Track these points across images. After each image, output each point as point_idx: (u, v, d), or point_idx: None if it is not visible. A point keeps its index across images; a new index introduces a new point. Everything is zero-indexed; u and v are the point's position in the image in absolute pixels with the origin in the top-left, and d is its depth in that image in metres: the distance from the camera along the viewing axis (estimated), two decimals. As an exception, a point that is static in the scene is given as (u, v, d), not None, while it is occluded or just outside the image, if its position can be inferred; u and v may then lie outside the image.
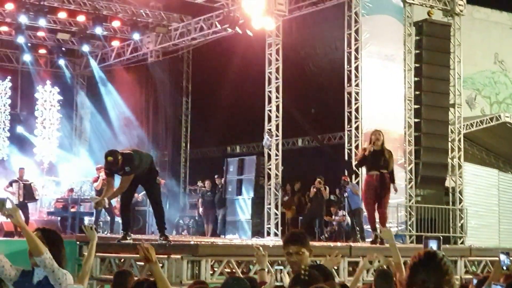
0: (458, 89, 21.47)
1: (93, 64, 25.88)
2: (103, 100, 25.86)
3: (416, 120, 20.57)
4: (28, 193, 19.77)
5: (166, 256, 10.51)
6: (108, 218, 21.98)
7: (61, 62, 26.05)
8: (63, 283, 4.98)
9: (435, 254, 3.65)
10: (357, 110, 19.47)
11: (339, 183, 18.78)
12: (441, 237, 6.36)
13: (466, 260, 13.26)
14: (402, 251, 11.89)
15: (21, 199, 19.38)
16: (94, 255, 6.09)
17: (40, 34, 24.52)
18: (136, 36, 23.60)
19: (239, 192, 21.31)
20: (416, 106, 20.61)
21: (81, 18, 23.24)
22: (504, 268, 6.09)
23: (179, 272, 10.18)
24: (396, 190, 14.01)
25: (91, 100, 26.66)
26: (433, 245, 5.97)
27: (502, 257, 6.05)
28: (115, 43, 25.26)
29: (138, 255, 11.39)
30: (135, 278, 7.28)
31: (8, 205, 4.82)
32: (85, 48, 24.90)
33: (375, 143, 13.49)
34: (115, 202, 21.26)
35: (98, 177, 20.47)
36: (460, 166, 21.30)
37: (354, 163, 13.65)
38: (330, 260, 6.69)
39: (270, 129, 20.29)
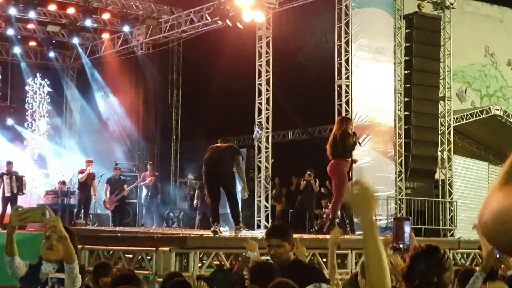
0: (448, 82, 21.51)
1: (83, 56, 25.81)
2: (93, 92, 25.81)
3: (406, 113, 20.60)
4: (20, 185, 19.77)
5: (154, 248, 10.50)
6: (99, 211, 22.00)
7: (51, 54, 25.97)
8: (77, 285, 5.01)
9: (437, 248, 3.64)
10: (347, 103, 19.47)
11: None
12: (410, 218, 6.33)
13: (455, 253, 13.29)
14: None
15: (14, 191, 19.42)
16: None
17: (30, 26, 24.43)
18: (126, 28, 23.54)
19: (229, 185, 21.27)
20: (406, 99, 20.64)
21: (71, 11, 23.16)
22: (498, 255, 6.07)
23: (168, 265, 10.16)
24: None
25: (81, 92, 26.59)
26: (406, 226, 5.94)
27: None
28: (105, 36, 25.20)
29: (127, 247, 11.39)
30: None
31: (47, 214, 4.70)
32: (75, 40, 24.81)
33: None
34: (104, 195, 21.33)
35: (85, 170, 20.48)
36: (450, 159, 21.34)
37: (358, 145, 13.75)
38: (300, 250, 6.78)
39: (260, 122, 20.27)
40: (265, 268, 5.61)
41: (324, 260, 11.99)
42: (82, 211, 20.83)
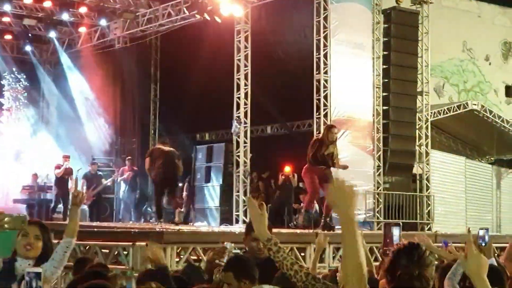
0: (426, 77, 21.58)
1: (60, 50, 25.61)
2: (70, 86, 25.61)
3: (385, 107, 20.63)
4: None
5: (131, 243, 10.44)
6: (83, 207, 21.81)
7: (28, 48, 25.74)
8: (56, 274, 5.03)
9: (418, 245, 3.72)
10: (325, 97, 19.46)
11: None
12: (401, 223, 6.39)
13: (432, 247, 13.30)
14: (369, 237, 11.94)
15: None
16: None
17: (6, 19, 24.15)
18: (103, 22, 23.38)
19: (208, 180, 21.27)
20: (385, 94, 20.67)
21: (47, 4, 22.92)
22: (483, 244, 6.07)
23: (144, 259, 10.09)
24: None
25: (58, 86, 26.36)
26: (395, 231, 5.96)
27: (482, 232, 5.97)
28: (82, 29, 24.98)
29: (102, 242, 11.30)
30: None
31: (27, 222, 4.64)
32: (52, 34, 24.61)
33: (331, 140, 13.70)
34: (82, 189, 21.17)
35: (62, 165, 20.36)
36: (427, 154, 21.42)
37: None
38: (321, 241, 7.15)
39: (238, 116, 20.23)
40: (243, 259, 5.60)
41: (302, 254, 11.99)
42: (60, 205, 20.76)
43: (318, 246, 7.47)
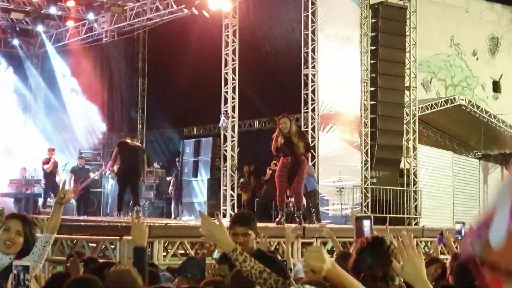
0: (414, 72, 21.64)
1: (48, 44, 25.52)
2: (57, 80, 25.53)
3: (372, 102, 20.68)
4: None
5: (118, 237, 10.43)
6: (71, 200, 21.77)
7: (15, 42, 25.63)
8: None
9: (382, 240, 3.68)
10: (313, 92, 19.50)
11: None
12: (372, 216, 6.42)
13: (419, 241, 13.38)
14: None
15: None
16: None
17: (-7, 13, 24.08)
18: (90, 16, 23.30)
19: (195, 174, 21.28)
20: (372, 89, 20.72)
21: (35, -3, 22.86)
22: (459, 238, 6.11)
23: (132, 253, 10.08)
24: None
25: (45, 80, 26.29)
26: (366, 223, 5.97)
27: (458, 226, 6.00)
28: (70, 23, 24.87)
29: (90, 236, 11.29)
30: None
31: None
32: (40, 28, 24.50)
33: (283, 130, 13.65)
34: (68, 184, 21.15)
35: (50, 159, 20.32)
36: (415, 148, 21.49)
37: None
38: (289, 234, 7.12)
39: (226, 111, 20.22)
40: None
41: (290, 248, 12.00)
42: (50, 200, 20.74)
43: (286, 239, 7.56)
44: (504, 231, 1.12)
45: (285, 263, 6.34)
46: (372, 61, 20.82)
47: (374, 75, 20.77)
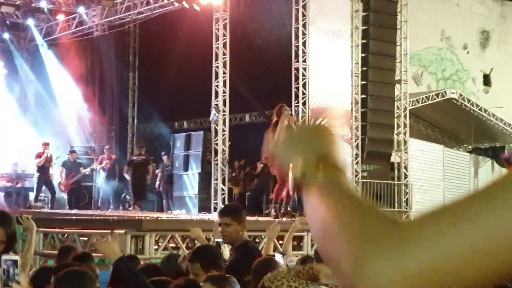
0: (405, 66, 21.67)
1: (38, 38, 25.45)
2: (48, 74, 25.47)
3: (363, 96, 20.70)
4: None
5: (109, 231, 10.42)
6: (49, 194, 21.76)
7: (5, 36, 25.56)
8: None
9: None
10: (304, 86, 19.51)
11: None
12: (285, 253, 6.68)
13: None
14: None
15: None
16: (34, 246, 6.00)
17: (-17, 7, 23.98)
18: (81, 9, 23.24)
19: (186, 168, 21.26)
20: (363, 82, 20.73)
21: (25, -9, 22.80)
22: None
23: (123, 247, 10.09)
24: None
25: (36, 74, 26.22)
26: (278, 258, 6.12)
27: (278, 257, 6.17)
28: (60, 17, 24.82)
29: (80, 230, 11.28)
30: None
31: None
32: (30, 21, 24.45)
33: (290, 119, 13.70)
34: (60, 177, 21.14)
35: (43, 153, 20.29)
36: (405, 142, 21.53)
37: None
38: (271, 231, 7.08)
39: (217, 105, 20.22)
40: (209, 248, 5.64)
41: (281, 242, 12.02)
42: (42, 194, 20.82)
43: (267, 234, 7.63)
44: None
45: (281, 255, 6.39)
46: (363, 55, 20.83)
47: (365, 68, 20.79)
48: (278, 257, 6.99)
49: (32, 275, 5.42)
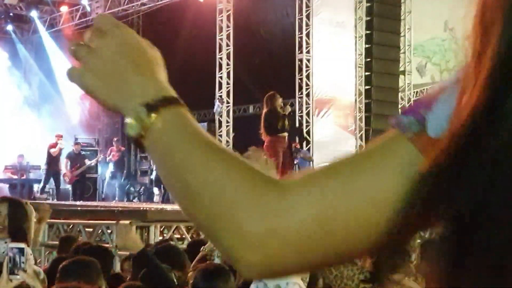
0: (409, 56, 21.66)
1: (42, 29, 25.46)
2: (52, 66, 25.49)
3: (367, 87, 20.69)
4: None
5: (114, 222, 10.45)
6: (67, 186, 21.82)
7: (9, 27, 25.58)
8: None
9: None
10: (308, 77, 19.50)
11: (290, 150, 18.83)
12: None
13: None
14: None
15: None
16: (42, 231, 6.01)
17: (-14, -1, 24.02)
18: (84, 1, 23.27)
19: (190, 159, 21.26)
20: (367, 73, 20.71)
21: (28, -17, 22.84)
22: None
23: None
24: None
25: (40, 66, 26.24)
26: None
27: None
28: (64, 8, 24.83)
29: (85, 221, 11.32)
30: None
31: None
32: (33, 13, 24.49)
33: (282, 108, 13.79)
34: (65, 169, 21.17)
35: (57, 144, 20.38)
36: (409, 133, 21.51)
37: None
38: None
39: (221, 96, 20.23)
40: (171, 247, 5.63)
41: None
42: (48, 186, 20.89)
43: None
44: (447, 116, 0.84)
45: None
46: (367, 46, 20.81)
47: (369, 59, 20.77)
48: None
49: (48, 266, 5.44)
